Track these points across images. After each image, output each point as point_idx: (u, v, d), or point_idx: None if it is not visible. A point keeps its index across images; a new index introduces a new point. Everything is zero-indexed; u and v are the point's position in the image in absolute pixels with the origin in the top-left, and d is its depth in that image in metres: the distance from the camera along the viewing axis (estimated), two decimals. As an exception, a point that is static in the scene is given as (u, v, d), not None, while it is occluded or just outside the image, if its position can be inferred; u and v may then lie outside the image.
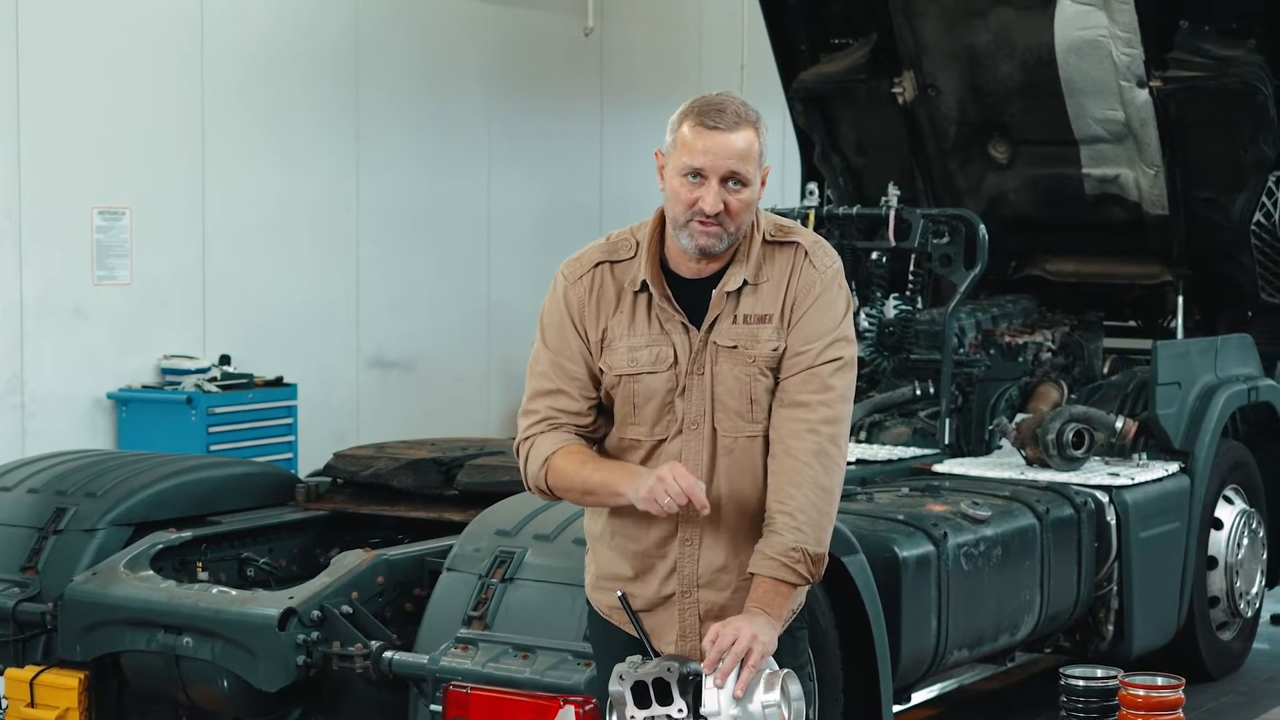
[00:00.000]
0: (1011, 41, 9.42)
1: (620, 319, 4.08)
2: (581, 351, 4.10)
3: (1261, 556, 8.78)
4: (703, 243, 3.98)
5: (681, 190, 3.98)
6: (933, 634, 6.59)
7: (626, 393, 4.08)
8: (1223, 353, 8.76)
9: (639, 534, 4.10)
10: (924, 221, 8.72)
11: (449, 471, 7.08)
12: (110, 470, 6.95)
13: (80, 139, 10.35)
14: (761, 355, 4.03)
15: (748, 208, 4.00)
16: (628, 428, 4.11)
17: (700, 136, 3.97)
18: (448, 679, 5.48)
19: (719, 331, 4.04)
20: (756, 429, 4.04)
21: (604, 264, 4.12)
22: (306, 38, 11.69)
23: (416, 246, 12.50)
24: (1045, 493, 7.53)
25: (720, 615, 4.02)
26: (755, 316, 4.04)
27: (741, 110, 4.02)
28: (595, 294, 4.10)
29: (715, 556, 4.06)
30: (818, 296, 4.05)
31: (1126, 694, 3.82)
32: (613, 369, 4.08)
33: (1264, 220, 9.47)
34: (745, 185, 3.98)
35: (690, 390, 4.04)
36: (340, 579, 5.94)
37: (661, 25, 14.69)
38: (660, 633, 4.10)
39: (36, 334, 10.15)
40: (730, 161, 3.96)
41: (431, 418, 12.01)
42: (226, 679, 5.96)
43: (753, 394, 4.03)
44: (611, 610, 4.18)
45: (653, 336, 4.06)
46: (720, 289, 4.04)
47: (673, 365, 4.05)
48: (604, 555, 4.20)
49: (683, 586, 4.08)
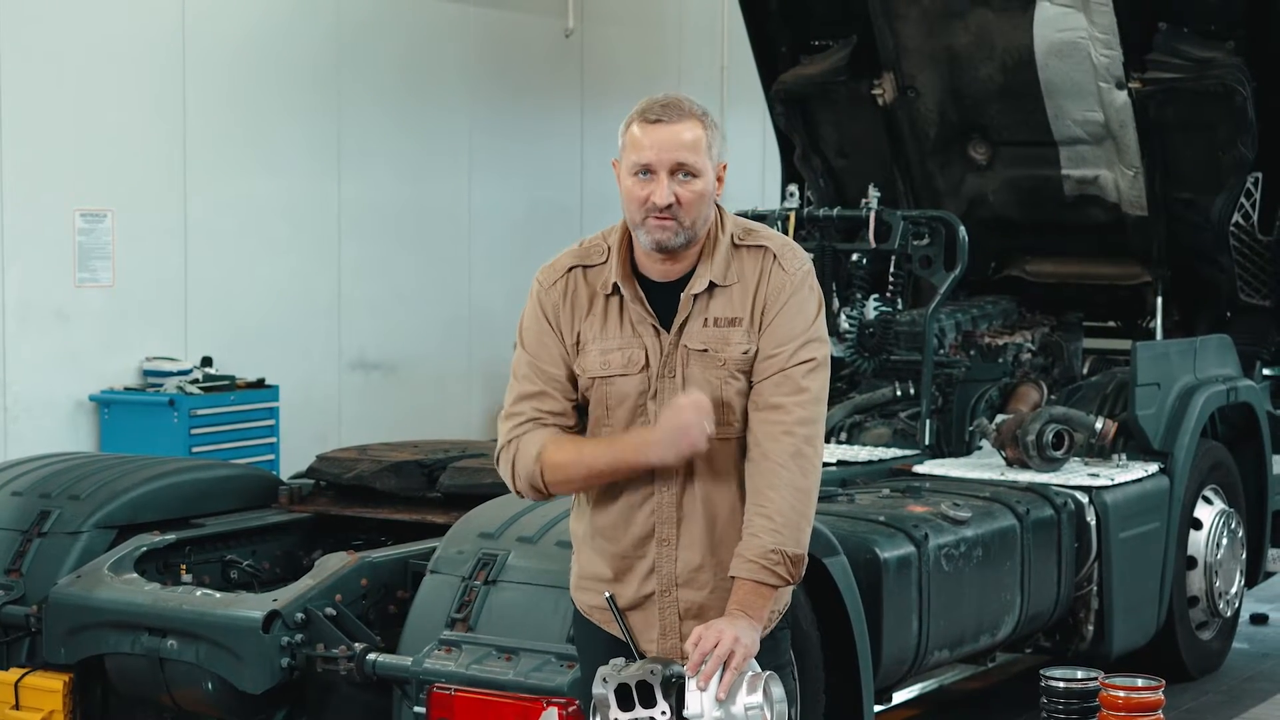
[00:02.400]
0: (991, 43, 9.44)
1: (592, 322, 4.11)
2: (560, 354, 4.13)
3: (1240, 556, 8.81)
4: (659, 237, 4.01)
5: (634, 189, 4.01)
6: (914, 635, 6.61)
7: (599, 395, 4.11)
8: (1201, 353, 8.79)
9: (617, 535, 4.12)
10: (904, 223, 8.75)
11: (432, 474, 7.08)
12: (94, 473, 6.94)
13: (62, 141, 10.36)
14: (732, 358, 4.04)
15: (701, 199, 4.01)
16: (601, 429, 4.13)
17: (646, 133, 4.01)
18: (431, 681, 5.49)
19: (689, 335, 4.06)
20: (729, 431, 4.04)
21: (577, 269, 4.15)
22: (288, 40, 11.70)
23: (398, 248, 12.51)
24: (1025, 494, 7.56)
25: (700, 614, 4.06)
26: (725, 319, 4.05)
27: (685, 105, 4.05)
28: (569, 298, 4.13)
29: (692, 556, 4.08)
30: (788, 299, 4.06)
31: (1107, 695, 3.84)
32: (585, 371, 4.11)
33: (1242, 221, 9.51)
34: (696, 176, 3.99)
35: (662, 393, 4.06)
36: (324, 581, 5.95)
37: (642, 27, 14.70)
38: (641, 631, 4.12)
39: (18, 336, 10.15)
40: (677, 153, 3.98)
41: (413, 419, 12.02)
42: (211, 681, 5.95)
43: (724, 396, 4.04)
44: (593, 610, 4.20)
45: (624, 339, 4.09)
46: (687, 292, 4.06)
47: (644, 368, 4.07)
48: (586, 556, 4.22)
49: (661, 586, 4.10)
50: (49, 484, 6.85)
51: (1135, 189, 9.52)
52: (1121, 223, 9.70)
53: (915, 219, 8.83)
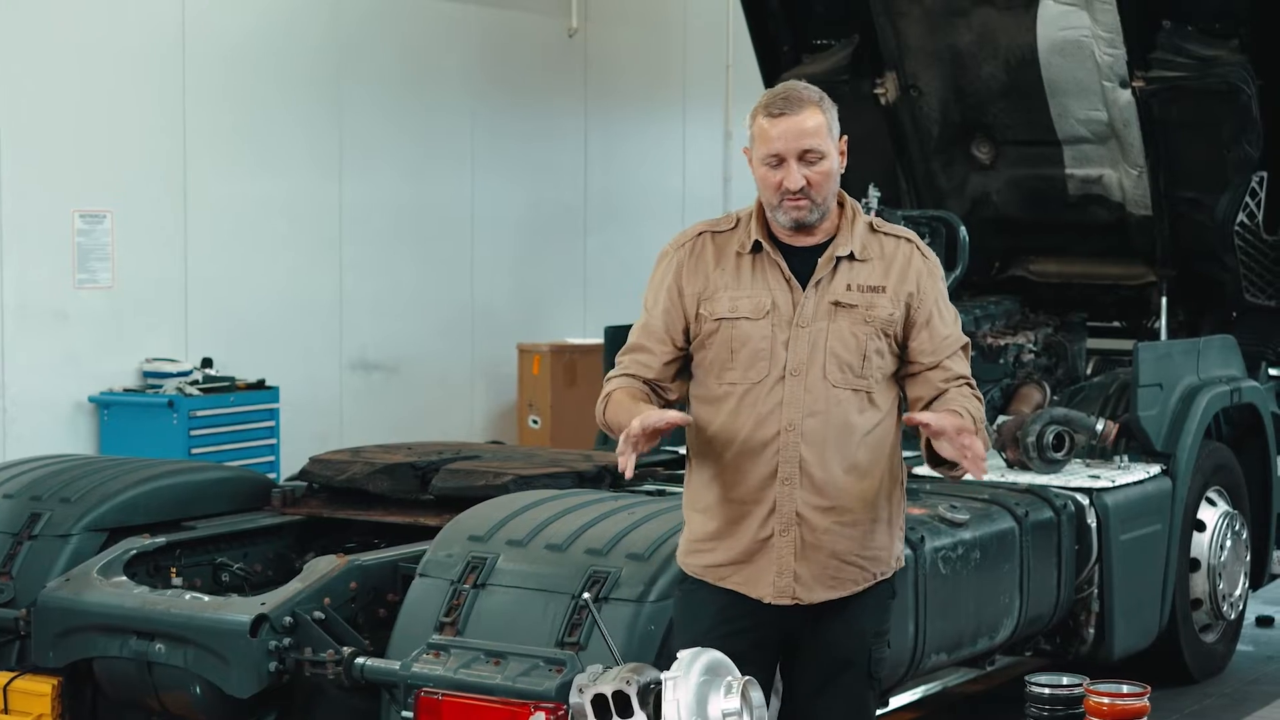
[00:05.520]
0: (994, 42, 9.41)
1: (723, 274, 4.53)
2: (669, 309, 4.55)
3: (1245, 558, 8.74)
4: (795, 215, 4.45)
5: (768, 176, 4.45)
6: (909, 638, 6.54)
7: (725, 337, 4.49)
8: (1205, 354, 8.73)
9: (738, 479, 4.47)
10: (904, 223, 8.68)
11: (425, 476, 7.04)
12: (85, 475, 6.90)
13: (61, 142, 10.33)
14: (879, 318, 4.46)
15: (829, 177, 4.44)
16: (725, 373, 4.50)
17: (772, 125, 4.42)
18: (419, 685, 5.44)
19: (835, 290, 4.47)
20: (861, 384, 4.46)
21: (706, 233, 4.61)
22: (288, 40, 11.66)
23: (400, 249, 12.47)
24: (1024, 496, 7.49)
25: (811, 553, 4.43)
26: (868, 286, 4.49)
27: (804, 93, 4.47)
28: (695, 256, 4.57)
29: (811, 495, 4.43)
30: (939, 284, 4.56)
31: (1091, 701, 3.81)
32: (714, 314, 4.50)
33: (1247, 221, 9.44)
34: (822, 157, 4.41)
35: (795, 341, 4.44)
36: (312, 585, 5.90)
37: (646, 26, 14.65)
38: (755, 581, 4.46)
39: (17, 337, 10.12)
40: (802, 141, 4.39)
41: (415, 421, 11.97)
42: (199, 685, 5.91)
43: (866, 351, 4.45)
44: (705, 570, 4.54)
45: (755, 289, 4.50)
46: (831, 251, 4.49)
47: (768, 313, 4.46)
48: (694, 520, 4.59)
49: (781, 525, 4.44)
50: (40, 486, 6.80)
51: (1139, 188, 9.48)
52: (1125, 222, 9.66)
53: (915, 218, 8.79)
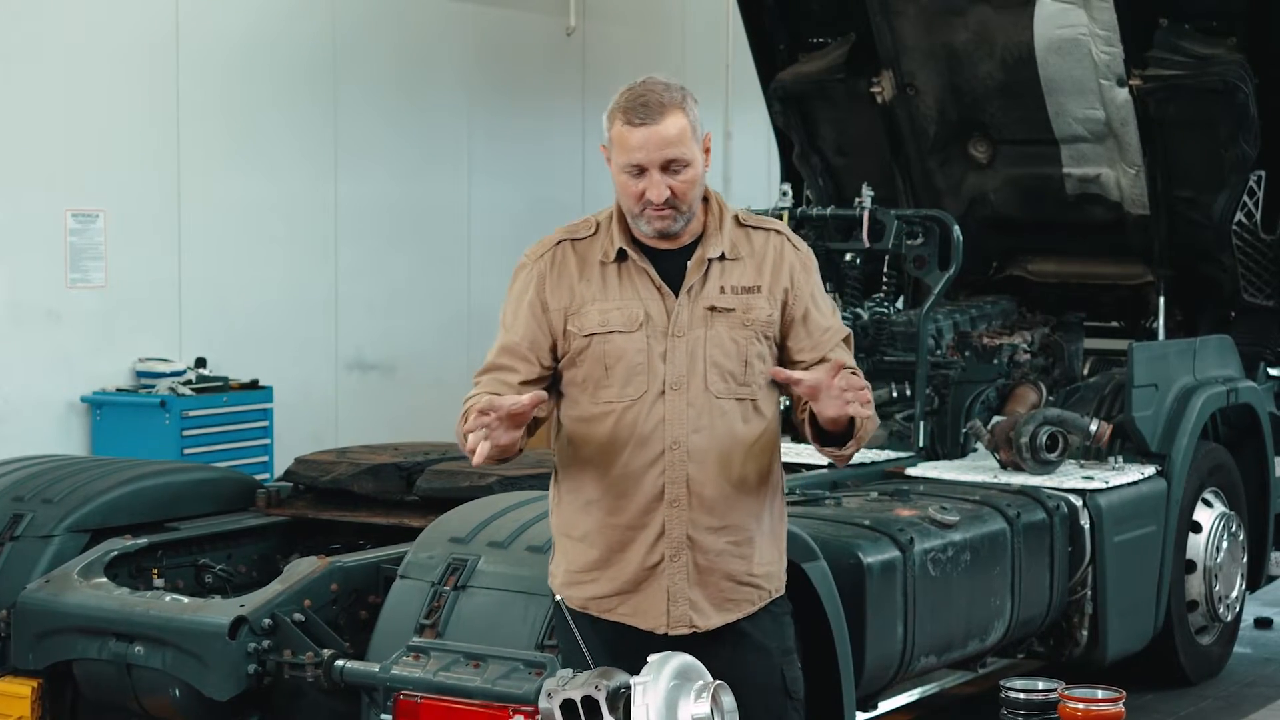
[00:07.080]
0: (991, 40, 9.37)
1: (589, 286, 4.22)
2: (531, 326, 4.23)
3: (1241, 560, 8.70)
4: (659, 226, 4.16)
5: (628, 184, 4.15)
6: (898, 641, 6.50)
7: (598, 353, 4.19)
8: (1201, 354, 8.68)
9: (621, 504, 4.19)
10: (898, 223, 8.64)
11: (410, 477, 6.99)
12: (68, 476, 6.84)
13: (54, 141, 10.28)
14: (758, 320, 4.20)
15: (694, 184, 4.16)
16: (600, 391, 4.20)
17: (631, 134, 4.11)
18: (398, 688, 5.39)
19: (709, 295, 4.20)
20: (745, 392, 4.19)
21: (565, 241, 4.29)
22: (284, 39, 11.61)
23: (396, 249, 12.42)
24: (1017, 497, 7.45)
25: (707, 576, 4.17)
26: (742, 287, 4.22)
27: (664, 96, 4.13)
28: (556, 267, 4.25)
29: (702, 516, 4.17)
30: (813, 276, 4.31)
31: (1066, 707, 3.76)
32: (584, 329, 4.20)
33: (1245, 220, 9.39)
34: (687, 165, 4.13)
35: (673, 353, 4.17)
36: (293, 586, 5.85)
37: (645, 25, 14.60)
38: (645, 612, 4.19)
39: (10, 337, 10.07)
40: (665, 150, 4.10)
41: (411, 421, 11.90)
42: (178, 688, 5.86)
43: (747, 356, 4.19)
44: (589, 602, 4.25)
45: (624, 300, 4.20)
46: (701, 254, 4.21)
47: (642, 325, 4.18)
48: (573, 549, 4.27)
49: (671, 550, 4.17)
50: (22, 487, 6.75)
51: (1137, 187, 9.44)
52: (1123, 221, 9.61)
53: (909, 218, 8.73)
